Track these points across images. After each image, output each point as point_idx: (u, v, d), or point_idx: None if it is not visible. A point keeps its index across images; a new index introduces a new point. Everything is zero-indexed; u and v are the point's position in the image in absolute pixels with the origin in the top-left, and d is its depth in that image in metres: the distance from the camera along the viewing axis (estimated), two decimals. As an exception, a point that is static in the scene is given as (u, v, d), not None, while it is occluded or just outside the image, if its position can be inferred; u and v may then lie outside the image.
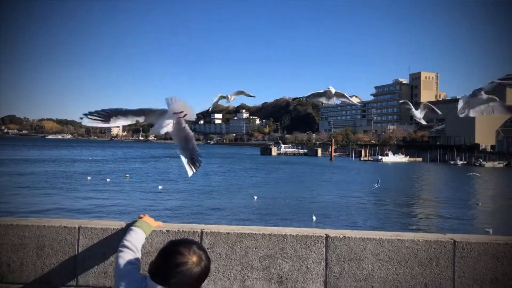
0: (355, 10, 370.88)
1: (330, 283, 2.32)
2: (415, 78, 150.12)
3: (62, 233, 2.38)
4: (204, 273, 1.71)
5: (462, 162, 71.75)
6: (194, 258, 1.67)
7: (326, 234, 2.35)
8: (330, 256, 2.33)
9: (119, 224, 2.40)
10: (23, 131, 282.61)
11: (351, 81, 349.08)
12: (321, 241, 2.34)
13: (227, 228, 2.38)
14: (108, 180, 32.19)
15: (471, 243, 2.32)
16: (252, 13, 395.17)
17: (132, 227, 2.19)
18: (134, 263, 1.94)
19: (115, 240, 2.31)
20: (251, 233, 2.35)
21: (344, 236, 2.34)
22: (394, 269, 2.31)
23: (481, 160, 69.92)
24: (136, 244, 2.06)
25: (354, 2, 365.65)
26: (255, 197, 23.89)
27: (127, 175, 37.12)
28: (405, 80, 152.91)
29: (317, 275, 2.33)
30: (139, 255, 2.01)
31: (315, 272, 2.33)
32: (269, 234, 2.35)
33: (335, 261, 2.33)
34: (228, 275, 2.33)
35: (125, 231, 2.24)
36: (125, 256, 1.96)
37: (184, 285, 1.66)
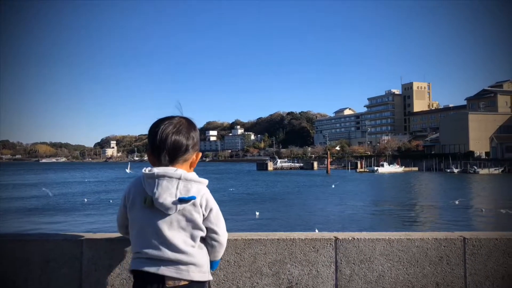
0: (346, 23, 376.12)
1: (341, 286, 2.29)
2: (407, 89, 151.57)
3: (67, 247, 2.34)
4: (190, 121, 1.85)
5: (458, 170, 71.95)
6: (177, 118, 1.83)
7: (335, 237, 2.33)
8: (340, 259, 2.31)
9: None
10: (17, 156, 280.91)
11: (344, 93, 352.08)
12: (330, 244, 2.32)
13: (235, 234, 2.35)
14: (111, 201, 31.93)
15: (480, 240, 2.31)
16: (243, 27, 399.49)
17: None
18: None
19: (121, 252, 2.28)
20: (259, 239, 2.32)
21: (353, 238, 2.32)
22: (404, 269, 2.29)
23: (476, 168, 70.15)
24: None
25: (345, 14, 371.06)
26: (257, 213, 23.55)
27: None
28: (397, 91, 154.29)
29: (327, 278, 2.30)
30: None
31: (325, 275, 2.30)
32: (278, 239, 2.32)
33: (345, 264, 2.30)
34: (238, 282, 2.30)
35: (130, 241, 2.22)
36: None
37: (169, 135, 1.76)
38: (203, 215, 1.80)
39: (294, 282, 2.29)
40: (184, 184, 1.74)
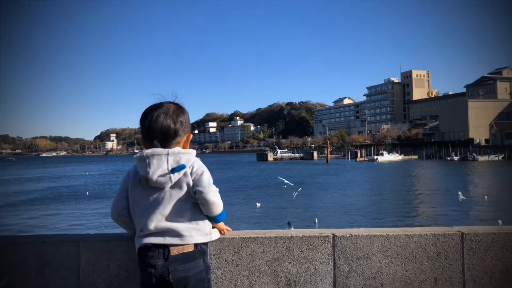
0: (344, 12, 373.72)
1: (339, 283, 2.29)
2: (407, 77, 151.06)
3: (64, 248, 2.33)
4: (179, 106, 1.98)
5: (458, 157, 72.02)
6: (165, 104, 1.96)
7: (332, 234, 2.33)
8: (338, 256, 2.30)
9: (122, 235, 2.35)
10: (17, 151, 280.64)
11: (343, 82, 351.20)
12: (328, 241, 2.31)
13: (232, 233, 2.34)
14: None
15: (478, 234, 2.30)
16: (242, 18, 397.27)
17: None
18: None
19: (119, 252, 2.27)
20: (257, 237, 2.32)
21: (351, 235, 2.32)
22: (403, 265, 2.29)
23: (475, 155, 70.22)
24: None
25: (343, 3, 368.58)
26: (258, 204, 23.54)
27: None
28: (396, 79, 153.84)
29: (326, 275, 2.29)
30: None
31: (323, 272, 2.30)
32: (275, 237, 2.32)
33: (343, 261, 2.30)
34: (236, 281, 2.29)
35: (128, 241, 2.21)
36: None
37: (161, 119, 1.90)
38: (194, 179, 1.91)
39: (292, 280, 2.29)
40: (173, 157, 1.85)
